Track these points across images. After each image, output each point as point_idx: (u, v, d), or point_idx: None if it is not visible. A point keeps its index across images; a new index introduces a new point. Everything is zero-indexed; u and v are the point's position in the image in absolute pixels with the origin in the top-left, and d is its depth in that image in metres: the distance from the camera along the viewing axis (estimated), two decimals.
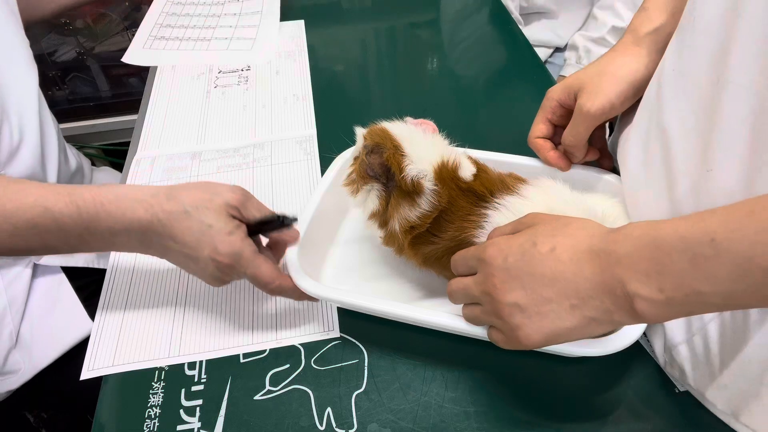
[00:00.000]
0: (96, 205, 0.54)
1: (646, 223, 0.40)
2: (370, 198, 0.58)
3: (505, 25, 1.12)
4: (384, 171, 0.56)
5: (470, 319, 0.51)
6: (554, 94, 0.65)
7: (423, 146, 0.57)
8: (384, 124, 0.59)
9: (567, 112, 0.65)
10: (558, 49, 1.36)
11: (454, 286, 0.51)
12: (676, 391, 0.54)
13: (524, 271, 0.44)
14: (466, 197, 0.56)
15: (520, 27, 1.14)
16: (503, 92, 0.96)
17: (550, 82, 0.94)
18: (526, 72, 0.99)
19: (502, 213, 0.54)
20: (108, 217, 0.54)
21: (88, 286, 0.79)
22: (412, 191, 0.55)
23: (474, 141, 0.65)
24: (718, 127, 0.45)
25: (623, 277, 0.39)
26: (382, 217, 0.59)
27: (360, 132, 0.60)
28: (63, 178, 0.85)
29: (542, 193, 0.56)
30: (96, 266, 0.81)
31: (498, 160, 0.67)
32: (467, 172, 0.57)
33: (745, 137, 0.42)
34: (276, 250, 0.62)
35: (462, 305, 0.52)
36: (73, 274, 0.78)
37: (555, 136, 0.67)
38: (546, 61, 1.36)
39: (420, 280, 0.64)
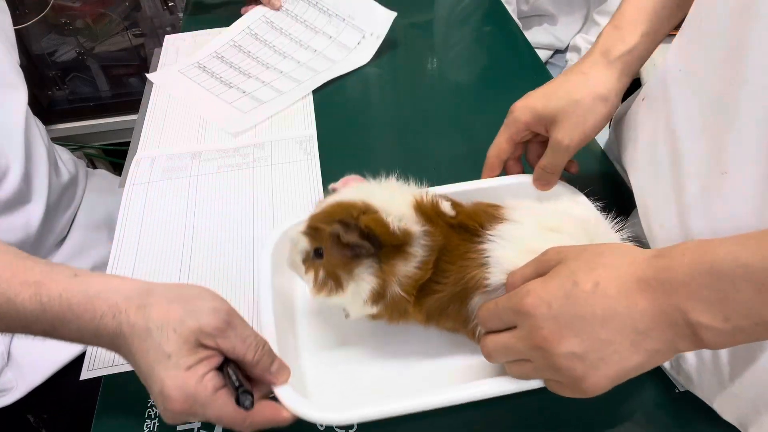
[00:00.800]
0: (62, 304, 0.46)
1: (697, 247, 0.38)
2: (364, 280, 0.50)
3: (504, 26, 1.12)
4: (369, 239, 0.48)
5: (521, 377, 0.46)
6: (522, 117, 0.62)
7: (385, 195, 0.51)
8: (328, 200, 0.52)
9: (533, 134, 0.64)
10: (558, 51, 1.36)
11: (491, 345, 0.46)
12: (677, 391, 0.54)
13: (573, 315, 0.41)
14: (458, 234, 0.51)
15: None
16: (503, 92, 0.95)
17: None
18: (527, 73, 0.99)
19: (501, 244, 0.50)
20: (75, 320, 0.47)
21: None
22: (403, 243, 0.49)
23: (474, 141, 0.64)
24: (733, 129, 0.44)
25: (684, 306, 0.37)
26: (380, 291, 0.50)
27: (295, 232, 0.52)
28: (53, 193, 0.85)
29: (527, 212, 0.53)
30: None
31: (458, 191, 0.63)
32: (447, 206, 0.52)
33: (763, 139, 0.41)
34: (256, 386, 0.49)
35: (494, 357, 0.47)
36: None
37: (515, 152, 0.66)
38: (547, 62, 1.36)
39: (412, 337, 0.58)
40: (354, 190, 0.52)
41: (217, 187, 0.79)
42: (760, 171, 0.42)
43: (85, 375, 0.59)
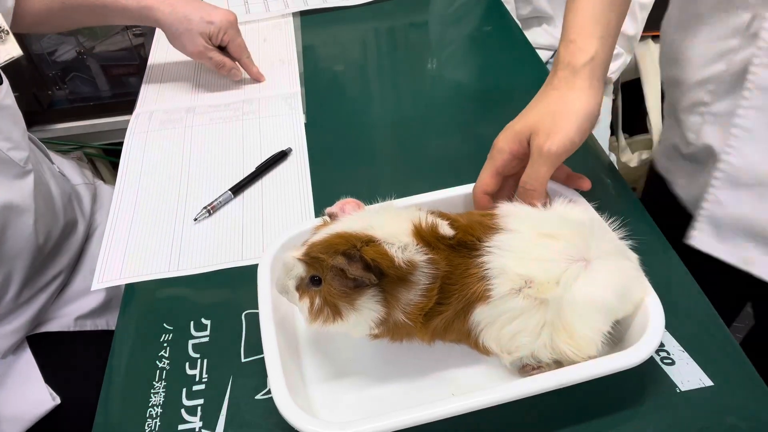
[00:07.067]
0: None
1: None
2: (368, 309, 0.50)
3: (504, 25, 1.12)
4: (373, 270, 0.48)
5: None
6: (505, 146, 0.61)
7: (385, 223, 0.50)
8: (328, 229, 0.51)
9: (520, 162, 0.61)
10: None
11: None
12: (677, 391, 0.54)
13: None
14: (459, 253, 0.51)
15: None
16: (503, 91, 0.96)
17: None
18: (526, 72, 0.99)
19: (499, 255, 0.50)
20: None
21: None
22: (406, 272, 0.48)
23: (473, 141, 0.64)
24: None
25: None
26: (384, 318, 0.50)
27: (290, 257, 0.50)
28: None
29: (523, 220, 0.53)
30: (72, 329, 0.82)
31: (446, 197, 0.64)
32: (446, 227, 0.51)
33: None
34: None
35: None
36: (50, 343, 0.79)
37: (503, 188, 0.64)
38: (547, 62, 1.36)
39: (411, 350, 0.57)
40: (354, 219, 0.52)
41: (209, 138, 0.89)
42: None
43: (96, 286, 0.65)
